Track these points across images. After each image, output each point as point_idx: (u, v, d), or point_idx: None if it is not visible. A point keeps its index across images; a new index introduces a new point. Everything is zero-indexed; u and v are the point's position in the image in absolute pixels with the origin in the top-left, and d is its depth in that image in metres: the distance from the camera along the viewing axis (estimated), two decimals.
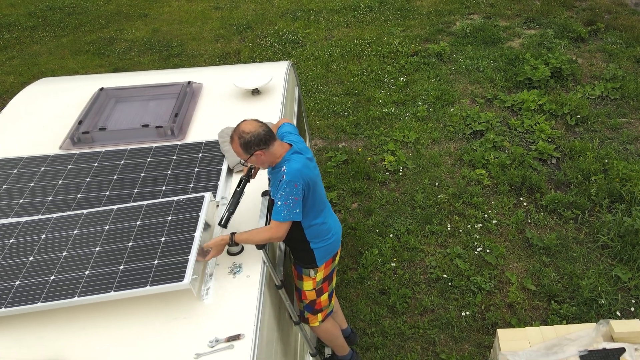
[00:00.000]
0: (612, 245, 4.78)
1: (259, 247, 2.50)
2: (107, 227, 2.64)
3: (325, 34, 9.13)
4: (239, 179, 2.79)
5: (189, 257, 2.40)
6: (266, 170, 2.88)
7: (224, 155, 3.18)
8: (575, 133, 6.26)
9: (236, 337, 2.18)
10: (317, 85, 7.61)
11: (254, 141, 2.54)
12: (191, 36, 9.37)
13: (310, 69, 8.03)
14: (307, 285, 2.92)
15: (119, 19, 10.38)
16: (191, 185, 2.98)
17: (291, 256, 3.08)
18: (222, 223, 2.63)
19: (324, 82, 7.69)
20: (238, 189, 2.70)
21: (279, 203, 2.52)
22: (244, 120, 2.61)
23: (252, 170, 2.81)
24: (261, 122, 2.61)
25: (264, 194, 2.81)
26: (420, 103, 6.98)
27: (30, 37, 9.86)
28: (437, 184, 5.67)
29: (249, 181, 2.77)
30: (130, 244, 2.53)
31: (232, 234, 2.52)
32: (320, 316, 3.06)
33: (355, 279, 4.75)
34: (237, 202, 2.66)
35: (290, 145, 2.69)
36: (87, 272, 2.40)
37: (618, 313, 4.25)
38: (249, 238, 2.49)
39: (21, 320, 2.36)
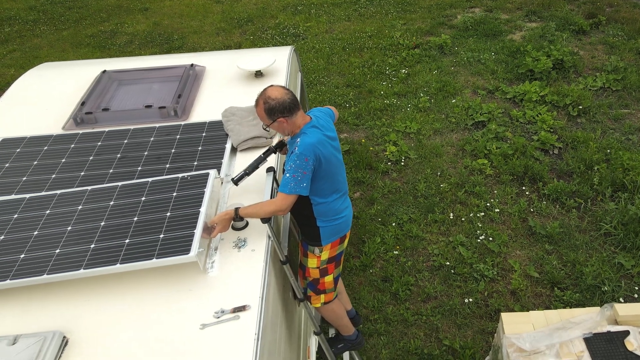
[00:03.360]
0: (615, 233, 4.77)
1: (264, 220, 2.48)
2: (111, 203, 2.63)
3: (327, 27, 9.12)
4: (267, 148, 2.89)
5: (194, 231, 2.39)
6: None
7: (227, 135, 3.17)
8: (577, 124, 6.25)
9: (242, 308, 2.17)
10: (318, 77, 7.60)
11: (279, 108, 2.54)
12: (192, 29, 9.36)
13: (311, 61, 8.02)
14: (312, 262, 2.90)
15: (120, 12, 10.37)
16: (195, 163, 2.97)
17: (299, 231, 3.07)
18: (235, 180, 2.68)
19: (325, 74, 7.68)
20: (262, 155, 2.75)
21: (287, 175, 2.50)
22: (271, 86, 2.61)
23: (284, 147, 2.86)
24: (288, 90, 2.60)
25: (269, 170, 2.80)
26: (421, 95, 6.97)
27: (31, 30, 9.84)
28: (439, 173, 5.66)
29: (275, 152, 2.82)
30: (135, 218, 2.51)
31: (237, 208, 2.51)
32: (323, 297, 3.03)
33: (358, 266, 4.74)
34: (257, 167, 2.73)
35: (311, 118, 2.68)
36: (92, 246, 2.39)
37: (621, 299, 4.24)
38: (254, 212, 2.47)
39: (27, 292, 2.34)
